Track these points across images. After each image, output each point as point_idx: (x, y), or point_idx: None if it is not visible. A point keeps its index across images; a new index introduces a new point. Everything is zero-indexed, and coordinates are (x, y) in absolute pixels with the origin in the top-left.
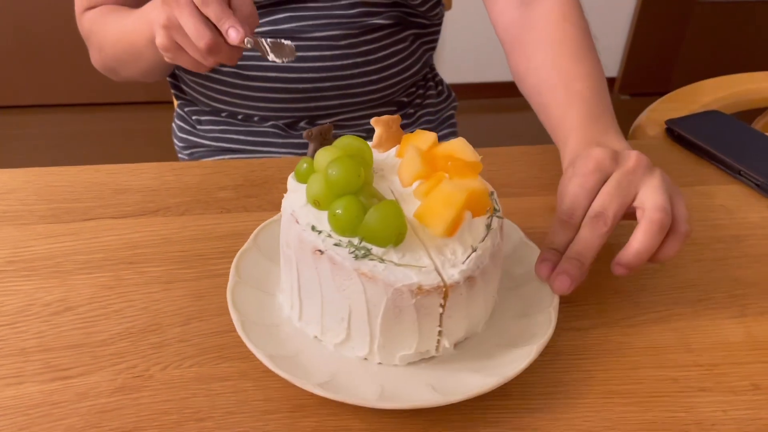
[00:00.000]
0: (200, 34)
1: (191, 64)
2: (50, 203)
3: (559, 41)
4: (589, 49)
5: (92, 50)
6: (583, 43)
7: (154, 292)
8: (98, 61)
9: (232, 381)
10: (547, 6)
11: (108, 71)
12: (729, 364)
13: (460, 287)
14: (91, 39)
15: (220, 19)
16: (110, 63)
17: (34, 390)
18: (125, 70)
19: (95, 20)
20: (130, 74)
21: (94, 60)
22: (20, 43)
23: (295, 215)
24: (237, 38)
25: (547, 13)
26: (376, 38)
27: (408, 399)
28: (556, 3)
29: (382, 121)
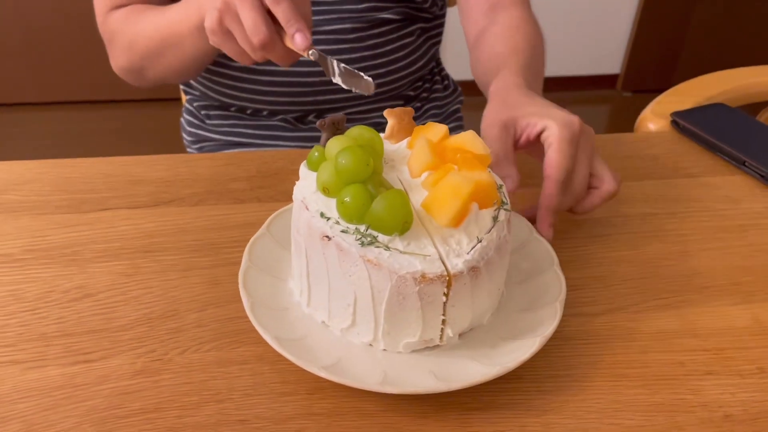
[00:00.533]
0: (257, 29)
1: (236, 54)
2: (66, 194)
3: (511, 37)
4: (535, 52)
5: (116, 50)
6: (531, 43)
7: (171, 279)
8: (124, 61)
9: (250, 364)
10: (507, 14)
11: (133, 72)
12: (735, 349)
13: (463, 277)
14: (116, 38)
15: (289, 20)
16: (139, 61)
17: (56, 373)
18: (156, 66)
19: (125, 17)
20: (160, 72)
21: (119, 61)
22: (26, 41)
23: (306, 202)
24: (303, 45)
25: (506, 20)
26: (383, 32)
27: (409, 385)
28: (515, 14)
29: (394, 113)
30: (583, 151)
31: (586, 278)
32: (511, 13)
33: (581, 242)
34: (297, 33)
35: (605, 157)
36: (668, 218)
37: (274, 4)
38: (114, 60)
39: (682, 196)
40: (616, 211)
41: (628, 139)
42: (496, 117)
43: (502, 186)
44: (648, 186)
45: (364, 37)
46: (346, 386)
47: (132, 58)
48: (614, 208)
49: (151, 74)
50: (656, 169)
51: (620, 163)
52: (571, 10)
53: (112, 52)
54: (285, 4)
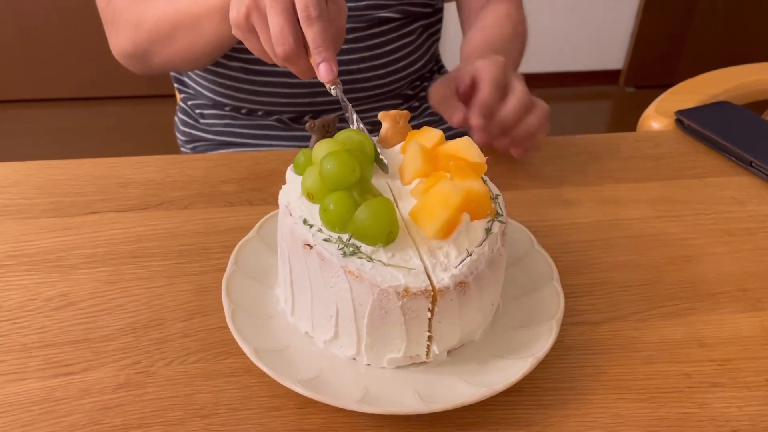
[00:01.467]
0: (283, 38)
1: (258, 52)
2: (52, 197)
3: (497, 24)
4: (516, 38)
5: (120, 31)
6: (505, 38)
7: (157, 286)
8: (127, 43)
9: (237, 377)
10: (492, 8)
11: (136, 58)
12: (743, 359)
13: (450, 293)
14: (121, 18)
15: (318, 46)
16: (145, 44)
17: (36, 386)
18: (164, 50)
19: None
20: (167, 58)
21: (122, 44)
22: (21, 38)
23: (290, 207)
24: (327, 78)
25: (497, 7)
26: (383, 31)
27: (390, 404)
28: (500, 11)
29: (389, 115)
30: (514, 77)
31: (587, 285)
32: (497, 8)
33: (581, 247)
34: (323, 63)
35: (607, 157)
36: (672, 221)
37: (307, 23)
38: (116, 43)
39: (686, 198)
40: (618, 214)
41: (631, 139)
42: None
43: (498, 196)
44: (651, 187)
45: (363, 37)
46: None
47: (137, 41)
48: (616, 211)
49: (156, 60)
50: (660, 170)
51: (622, 164)
52: (573, 5)
53: (115, 34)
54: (317, 26)
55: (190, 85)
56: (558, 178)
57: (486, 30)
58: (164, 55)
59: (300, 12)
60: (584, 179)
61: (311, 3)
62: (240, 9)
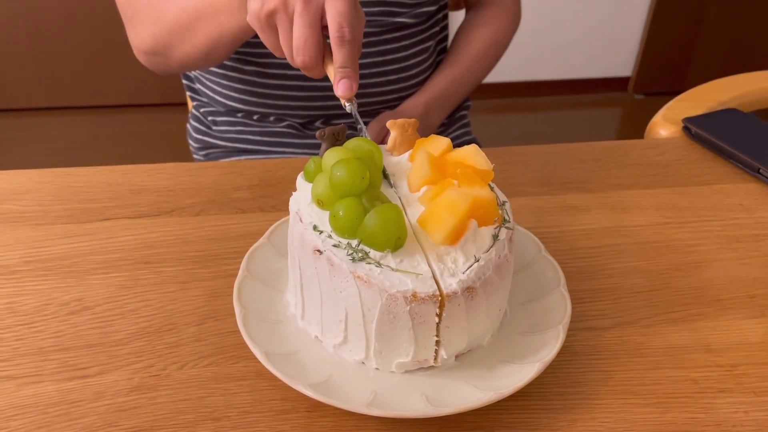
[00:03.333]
0: (306, 48)
1: (272, 47)
2: (66, 203)
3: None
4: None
5: (141, 26)
6: (484, 58)
7: (170, 291)
8: (148, 37)
9: (249, 380)
10: (488, 26)
11: (157, 54)
12: (750, 365)
13: (457, 298)
14: (142, 12)
15: (345, 66)
16: (166, 37)
17: (51, 389)
18: (184, 43)
19: None
20: (187, 51)
21: (143, 38)
22: (34, 46)
23: (300, 214)
24: (345, 95)
25: (491, 27)
26: (396, 38)
27: (398, 408)
28: (496, 29)
29: (398, 124)
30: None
31: (595, 291)
32: (490, 27)
33: (589, 253)
34: (344, 80)
35: (614, 164)
36: (680, 228)
37: (339, 44)
38: (136, 39)
39: (694, 205)
40: (625, 220)
41: (638, 146)
42: None
43: (505, 203)
44: (659, 194)
45: (377, 42)
46: None
47: (157, 36)
48: (623, 217)
49: (177, 54)
50: (667, 177)
51: (629, 171)
52: (583, 12)
53: (136, 29)
54: (348, 49)
55: (203, 93)
56: (565, 185)
57: (459, 65)
58: (184, 49)
59: (333, 30)
60: (591, 186)
61: (347, 24)
62: (265, 5)
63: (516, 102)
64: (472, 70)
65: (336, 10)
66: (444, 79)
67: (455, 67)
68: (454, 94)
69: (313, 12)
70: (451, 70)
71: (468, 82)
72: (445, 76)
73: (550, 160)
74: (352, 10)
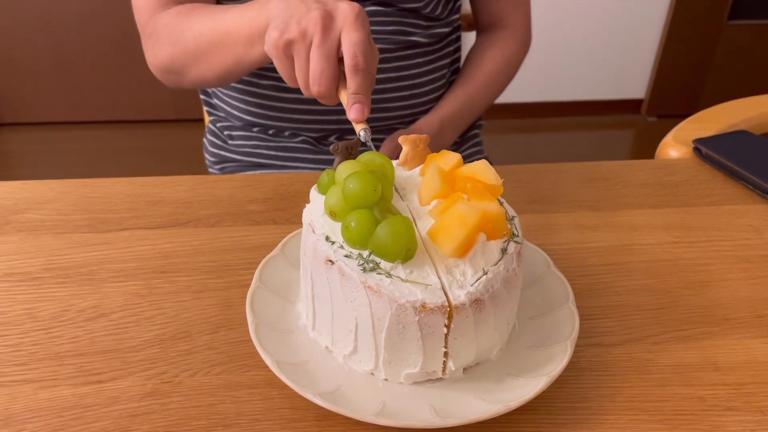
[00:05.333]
0: (321, 79)
1: (287, 77)
2: (86, 213)
3: (492, 81)
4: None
5: (159, 45)
6: (496, 80)
7: (184, 300)
8: (165, 56)
9: (259, 389)
10: (500, 48)
11: (172, 72)
12: (757, 384)
13: (466, 309)
14: (161, 32)
15: (358, 93)
16: (182, 58)
17: (67, 393)
18: (199, 65)
19: (176, 13)
20: (201, 73)
21: (160, 56)
22: (55, 62)
23: (313, 225)
24: (358, 118)
25: (504, 48)
26: (410, 55)
27: (406, 418)
28: (507, 52)
29: (409, 139)
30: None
31: (603, 307)
32: (503, 49)
33: (598, 270)
34: (356, 104)
35: (624, 184)
36: (689, 247)
37: (353, 72)
38: (152, 56)
39: (703, 225)
40: (634, 239)
41: (649, 166)
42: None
43: (514, 218)
44: (668, 214)
45: (391, 58)
46: None
47: (175, 54)
48: (633, 236)
49: (191, 74)
50: (677, 197)
51: (639, 190)
52: (596, 34)
53: (153, 47)
54: (362, 77)
55: (219, 107)
56: (575, 203)
57: (472, 84)
58: (199, 71)
59: (348, 59)
60: (601, 204)
61: (361, 54)
62: (284, 35)
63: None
64: (485, 90)
65: (351, 40)
66: (457, 98)
67: (468, 87)
68: (468, 113)
69: (331, 44)
70: (465, 90)
71: (481, 102)
72: (458, 95)
73: (559, 178)
74: (366, 42)
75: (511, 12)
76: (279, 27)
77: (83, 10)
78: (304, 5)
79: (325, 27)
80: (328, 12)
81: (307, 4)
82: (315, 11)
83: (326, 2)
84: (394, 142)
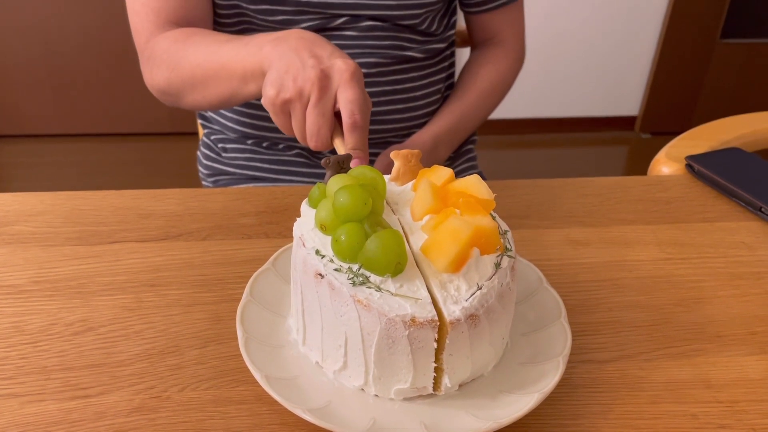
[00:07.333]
0: (318, 135)
1: (283, 128)
2: (76, 226)
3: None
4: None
5: (156, 69)
6: (490, 96)
7: (173, 314)
8: (162, 81)
9: (248, 404)
10: (495, 64)
11: (168, 95)
12: (750, 401)
13: (461, 325)
14: (159, 57)
15: (356, 148)
16: (179, 85)
17: (54, 408)
18: (195, 94)
19: (174, 39)
20: (197, 100)
21: (157, 80)
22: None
23: (303, 239)
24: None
25: (498, 64)
26: (405, 69)
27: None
28: (501, 68)
29: (401, 154)
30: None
31: (595, 324)
32: (498, 65)
33: (591, 286)
34: (355, 159)
35: (616, 200)
36: (681, 264)
37: (351, 129)
38: (150, 78)
39: (696, 242)
40: (626, 255)
41: (641, 182)
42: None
43: (507, 232)
44: (661, 230)
45: (386, 72)
46: None
47: (172, 80)
48: (625, 252)
49: (187, 99)
50: (669, 213)
51: (632, 207)
52: (591, 52)
53: (151, 71)
54: (359, 133)
55: (214, 120)
56: (567, 218)
57: (466, 100)
58: (195, 98)
59: (345, 116)
60: (593, 221)
61: (358, 111)
62: (281, 93)
63: (523, 139)
64: (478, 105)
65: (347, 98)
66: (451, 113)
67: (463, 103)
68: (462, 128)
69: (327, 102)
70: (459, 105)
71: (475, 118)
72: (452, 110)
73: (552, 194)
74: (362, 99)
75: (505, 29)
76: (275, 85)
77: (78, 23)
78: (298, 59)
79: (322, 87)
80: (324, 72)
81: (302, 58)
82: (311, 69)
83: (321, 58)
84: (388, 158)
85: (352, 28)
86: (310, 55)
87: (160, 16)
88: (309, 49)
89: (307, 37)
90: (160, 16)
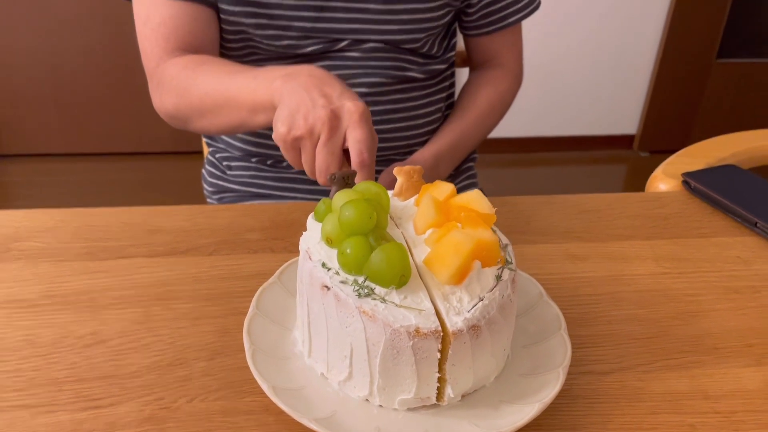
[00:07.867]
0: (326, 172)
1: (295, 164)
2: (86, 242)
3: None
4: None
5: (165, 94)
6: (490, 115)
7: (182, 327)
8: (171, 106)
9: (256, 414)
10: (494, 85)
11: (177, 119)
12: (747, 412)
13: (463, 335)
14: (168, 84)
15: (363, 179)
16: (187, 111)
17: (65, 419)
18: (203, 121)
19: (183, 65)
20: (205, 126)
21: (166, 105)
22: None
23: (309, 252)
24: None
25: (497, 85)
26: (407, 89)
27: None
28: (500, 89)
29: (404, 170)
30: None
31: (595, 336)
32: (497, 86)
33: (590, 300)
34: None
35: (614, 216)
36: (678, 278)
37: (359, 166)
38: (158, 102)
39: (692, 256)
40: (624, 270)
41: (639, 199)
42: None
43: (508, 245)
44: (658, 245)
45: (389, 92)
46: None
47: (180, 106)
48: (624, 266)
49: (196, 125)
50: (666, 229)
51: (630, 222)
52: (589, 72)
53: (161, 95)
54: (367, 171)
55: (219, 138)
56: (566, 234)
57: (466, 119)
58: (203, 124)
59: (354, 155)
60: (592, 236)
61: (366, 150)
62: (292, 131)
63: (522, 157)
64: (478, 124)
65: (356, 138)
66: (452, 132)
67: (462, 122)
68: (462, 146)
69: (337, 141)
70: (459, 124)
71: (475, 136)
72: (452, 129)
73: (552, 210)
74: (370, 138)
75: (504, 51)
76: (286, 122)
77: (83, 43)
78: (309, 98)
79: (332, 127)
80: (333, 112)
81: (312, 96)
82: (321, 109)
83: (330, 97)
84: (391, 174)
85: (356, 50)
86: (320, 94)
87: (169, 42)
88: (319, 88)
89: (317, 74)
90: (170, 41)
